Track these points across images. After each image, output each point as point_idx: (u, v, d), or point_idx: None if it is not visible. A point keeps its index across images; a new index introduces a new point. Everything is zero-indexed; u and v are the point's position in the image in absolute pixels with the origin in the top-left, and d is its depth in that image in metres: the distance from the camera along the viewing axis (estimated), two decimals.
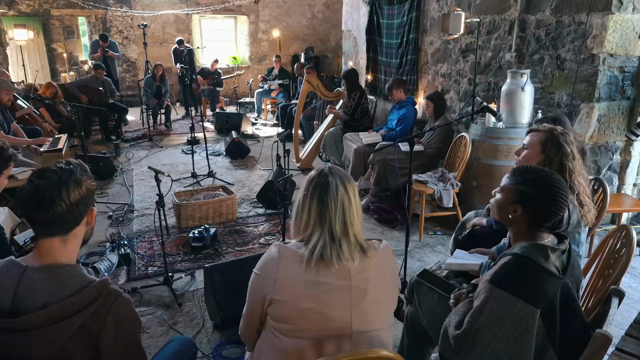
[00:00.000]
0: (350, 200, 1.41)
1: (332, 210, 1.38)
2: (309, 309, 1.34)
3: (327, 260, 1.35)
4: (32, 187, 1.23)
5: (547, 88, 4.05)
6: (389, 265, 1.48)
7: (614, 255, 1.84)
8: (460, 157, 3.94)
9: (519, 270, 1.39)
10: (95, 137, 7.60)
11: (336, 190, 1.39)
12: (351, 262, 1.37)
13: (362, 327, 1.39)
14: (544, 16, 3.99)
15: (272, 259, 1.39)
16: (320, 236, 1.37)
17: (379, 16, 6.54)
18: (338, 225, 1.38)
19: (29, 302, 1.20)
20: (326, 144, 5.74)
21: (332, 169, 1.46)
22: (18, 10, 9.60)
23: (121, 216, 4.31)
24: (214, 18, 11.60)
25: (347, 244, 1.38)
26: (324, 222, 1.38)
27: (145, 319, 2.75)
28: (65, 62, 10.03)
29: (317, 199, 1.40)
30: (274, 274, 1.36)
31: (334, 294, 1.35)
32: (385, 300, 1.46)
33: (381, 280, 1.43)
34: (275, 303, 1.36)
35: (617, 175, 3.93)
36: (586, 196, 2.09)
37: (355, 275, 1.38)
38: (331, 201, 1.38)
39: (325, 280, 1.35)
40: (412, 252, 3.57)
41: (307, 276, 1.34)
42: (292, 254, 1.38)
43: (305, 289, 1.34)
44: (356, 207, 1.43)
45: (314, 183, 1.42)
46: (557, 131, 2.13)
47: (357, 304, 1.37)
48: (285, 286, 1.35)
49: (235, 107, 9.99)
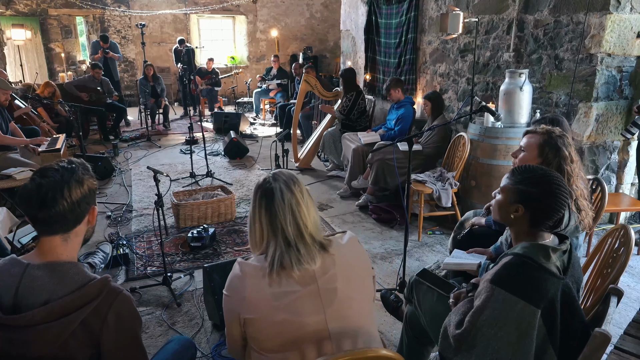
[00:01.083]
0: (298, 202, 1.38)
1: (282, 217, 1.35)
2: (281, 322, 1.32)
3: (288, 268, 1.33)
4: (35, 186, 1.24)
5: (545, 88, 4.06)
6: (356, 257, 1.46)
7: (612, 255, 1.85)
8: (459, 157, 3.95)
9: (520, 270, 1.39)
10: (94, 137, 7.59)
11: (282, 196, 1.37)
12: (313, 264, 1.35)
13: (339, 325, 1.37)
14: (542, 16, 4.00)
15: (237, 277, 1.37)
16: (276, 245, 1.35)
17: (378, 16, 6.54)
18: (291, 230, 1.35)
19: (31, 299, 1.20)
20: (325, 143, 5.74)
21: (275, 175, 1.42)
22: (15, 10, 9.57)
23: (120, 216, 4.31)
24: (212, 18, 11.60)
25: (304, 247, 1.35)
26: (276, 231, 1.36)
27: (144, 319, 2.74)
28: (63, 61, 10.01)
29: (265, 209, 1.37)
30: (242, 293, 1.34)
31: (303, 301, 1.33)
32: (358, 293, 1.43)
33: (349, 275, 1.41)
34: (248, 322, 1.35)
35: (615, 174, 3.94)
36: (584, 200, 2.07)
37: (321, 277, 1.36)
38: (279, 208, 1.36)
39: (291, 289, 1.33)
40: (410, 251, 3.57)
41: (272, 289, 1.33)
42: (254, 269, 1.36)
43: (274, 301, 1.32)
44: (307, 207, 1.40)
45: (260, 192, 1.40)
46: (555, 133, 2.08)
47: (329, 304, 1.35)
48: (254, 303, 1.33)
49: (233, 107, 9.99)
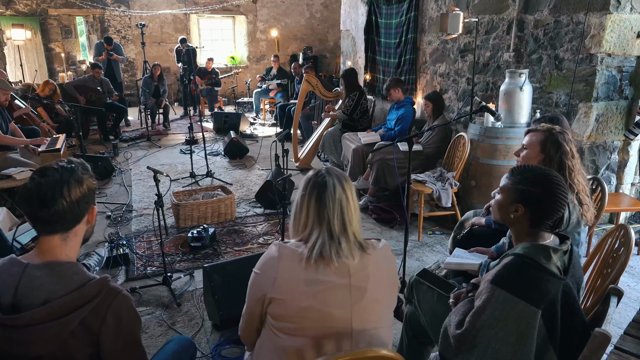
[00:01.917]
0: (348, 198, 1.42)
1: (331, 209, 1.39)
2: (308, 308, 1.34)
3: (327, 258, 1.35)
4: (34, 185, 1.24)
5: (545, 88, 4.06)
6: (387, 263, 1.48)
7: (612, 255, 1.85)
8: (459, 157, 3.95)
9: (521, 271, 1.39)
10: (94, 137, 7.58)
11: (334, 189, 1.40)
12: (351, 260, 1.38)
13: (361, 325, 1.39)
14: (542, 16, 4.00)
15: (272, 258, 1.39)
16: (320, 234, 1.38)
17: (378, 16, 6.54)
18: (337, 224, 1.39)
19: (30, 299, 1.21)
20: (325, 143, 5.74)
21: (329, 169, 1.47)
22: (16, 9, 9.57)
23: (119, 216, 4.30)
24: (212, 18, 11.59)
25: (346, 242, 1.39)
26: (322, 221, 1.39)
27: (144, 319, 2.74)
28: (63, 61, 10.01)
29: (315, 198, 1.40)
30: (274, 273, 1.36)
31: (334, 292, 1.36)
32: (384, 298, 1.46)
33: (380, 278, 1.43)
34: (275, 302, 1.37)
35: (615, 174, 3.94)
36: (585, 195, 2.10)
37: (355, 274, 1.38)
38: (329, 200, 1.39)
39: (325, 278, 1.35)
40: (411, 251, 3.57)
41: (307, 274, 1.35)
42: (292, 252, 1.38)
43: (305, 287, 1.34)
44: (354, 206, 1.44)
45: (312, 183, 1.43)
46: (556, 130, 2.14)
47: (356, 302, 1.37)
48: (285, 285, 1.35)
49: (233, 107, 9.99)
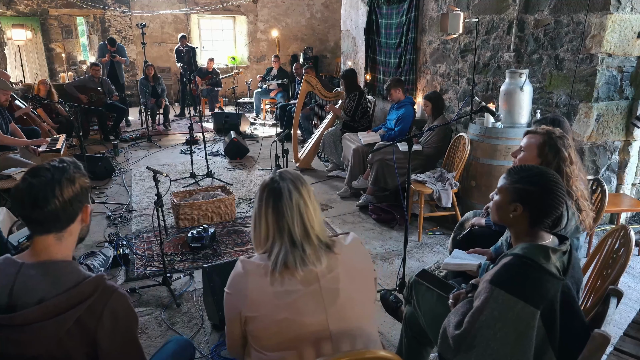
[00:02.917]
0: (305, 202, 1.38)
1: (289, 217, 1.35)
2: (283, 320, 1.32)
3: (292, 268, 1.32)
4: (26, 186, 1.24)
5: (545, 88, 4.05)
6: (358, 258, 1.46)
7: (612, 255, 1.84)
8: (459, 157, 3.94)
9: (520, 271, 1.38)
10: (94, 137, 7.58)
11: (290, 195, 1.36)
12: (318, 265, 1.35)
13: (340, 325, 1.37)
14: (542, 16, 3.99)
15: (239, 275, 1.37)
16: (282, 245, 1.35)
17: (378, 16, 6.54)
18: (298, 231, 1.35)
19: (26, 298, 1.21)
20: (325, 143, 5.74)
21: (282, 174, 1.42)
22: (16, 10, 9.58)
23: (120, 216, 4.30)
24: (213, 18, 11.60)
25: (310, 247, 1.36)
26: (282, 231, 1.35)
27: (144, 319, 2.75)
28: (64, 62, 10.02)
29: (272, 208, 1.37)
30: (244, 290, 1.34)
31: (305, 300, 1.33)
32: (360, 294, 1.43)
33: (352, 275, 1.41)
34: (250, 320, 1.35)
35: (615, 175, 3.94)
36: (585, 200, 2.07)
37: (324, 277, 1.36)
38: (286, 208, 1.35)
39: (293, 288, 1.33)
40: (410, 252, 3.56)
41: (274, 287, 1.32)
42: (257, 267, 1.36)
43: (275, 300, 1.32)
44: (313, 208, 1.40)
45: (267, 192, 1.39)
46: (555, 134, 2.09)
47: (330, 305, 1.35)
48: (256, 301, 1.33)
49: (234, 107, 9.99)
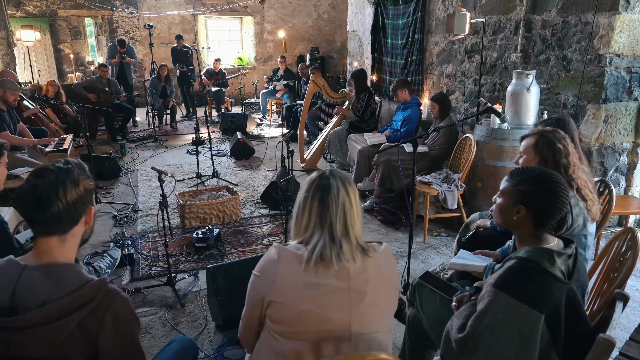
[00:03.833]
0: (351, 202, 1.41)
1: (333, 211, 1.38)
2: (306, 311, 1.33)
3: (327, 261, 1.34)
4: (30, 187, 1.23)
5: (553, 89, 4.02)
6: (388, 267, 1.47)
7: (619, 258, 1.82)
8: (465, 158, 3.91)
9: (524, 275, 1.36)
10: (102, 137, 7.63)
11: (337, 192, 1.39)
12: (352, 263, 1.36)
13: (360, 329, 1.37)
14: (550, 16, 3.96)
15: (271, 261, 1.38)
16: (321, 237, 1.37)
17: (384, 16, 6.52)
18: (339, 227, 1.37)
19: (28, 300, 1.20)
20: (331, 144, 5.73)
21: (333, 172, 1.45)
22: (25, 11, 9.67)
23: (125, 216, 4.32)
24: (220, 19, 11.63)
25: (347, 245, 1.37)
26: (324, 223, 1.38)
27: (148, 319, 2.75)
28: (72, 62, 10.09)
29: (318, 201, 1.39)
30: (273, 276, 1.35)
31: (333, 295, 1.34)
32: (384, 302, 1.44)
33: (380, 282, 1.42)
34: (273, 305, 1.35)
35: (624, 177, 3.89)
36: (588, 190, 2.07)
37: (355, 277, 1.36)
38: (332, 202, 1.38)
39: (325, 281, 1.34)
40: (416, 253, 3.55)
41: (306, 277, 1.34)
42: (292, 255, 1.37)
43: (304, 290, 1.33)
44: (357, 209, 1.43)
45: (315, 185, 1.42)
46: (547, 130, 2.16)
47: (355, 305, 1.36)
48: (284, 288, 1.34)
49: (240, 108, 10.01)
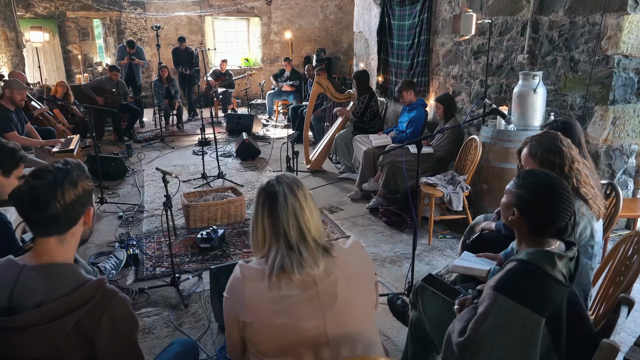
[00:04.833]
0: (301, 205, 1.37)
1: (285, 220, 1.35)
2: (280, 325, 1.31)
3: (289, 272, 1.31)
4: (27, 188, 1.23)
5: (560, 90, 3.98)
6: (357, 262, 1.44)
7: (625, 262, 1.80)
8: (471, 160, 3.89)
9: (524, 277, 1.35)
10: (108, 138, 7.68)
11: (285, 199, 1.36)
12: (315, 268, 1.33)
13: (338, 330, 1.35)
14: (557, 17, 3.92)
15: (236, 280, 1.36)
16: (278, 248, 1.34)
17: (390, 17, 6.50)
18: (293, 234, 1.34)
19: (26, 301, 1.20)
20: (337, 146, 5.71)
21: (279, 178, 1.42)
22: (34, 12, 9.77)
23: (131, 216, 4.35)
24: (227, 20, 11.67)
25: (307, 250, 1.34)
26: (278, 235, 1.35)
27: (152, 319, 2.76)
28: (80, 63, 10.17)
29: (268, 213, 1.37)
30: (242, 294, 1.33)
31: (302, 304, 1.32)
32: (360, 299, 1.41)
33: (351, 279, 1.39)
34: (247, 326, 1.34)
35: (632, 179, 3.84)
36: (589, 186, 2.04)
37: (321, 281, 1.34)
38: (282, 211, 1.35)
39: (290, 292, 1.31)
40: (420, 255, 3.53)
41: (272, 292, 1.31)
42: (254, 272, 1.35)
43: (272, 305, 1.31)
44: (309, 211, 1.39)
45: (263, 196, 1.40)
46: (537, 134, 2.18)
47: (328, 309, 1.33)
48: (253, 306, 1.32)
49: (246, 109, 10.03)
